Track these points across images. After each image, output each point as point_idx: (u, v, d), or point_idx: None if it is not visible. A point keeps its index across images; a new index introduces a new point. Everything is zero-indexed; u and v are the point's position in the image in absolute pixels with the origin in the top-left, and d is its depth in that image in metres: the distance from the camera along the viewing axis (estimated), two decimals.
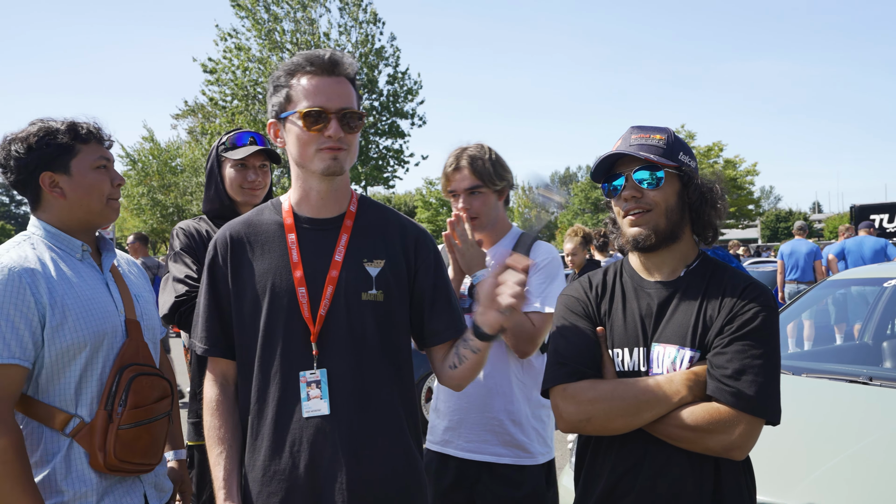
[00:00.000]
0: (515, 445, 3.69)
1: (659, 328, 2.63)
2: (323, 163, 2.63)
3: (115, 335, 2.89)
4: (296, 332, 2.64)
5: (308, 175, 2.71)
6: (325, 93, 2.62)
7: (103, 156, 2.98)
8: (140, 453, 2.87)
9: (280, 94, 2.68)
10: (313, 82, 2.62)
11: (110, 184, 2.99)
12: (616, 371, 2.66)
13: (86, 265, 2.95)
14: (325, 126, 2.60)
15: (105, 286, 2.96)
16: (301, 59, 2.66)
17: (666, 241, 2.65)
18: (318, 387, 2.61)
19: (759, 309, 2.51)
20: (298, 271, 2.66)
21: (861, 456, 3.85)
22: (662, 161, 2.61)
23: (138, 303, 3.07)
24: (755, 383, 2.42)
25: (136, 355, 2.93)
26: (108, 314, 2.88)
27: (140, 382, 2.88)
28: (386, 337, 2.69)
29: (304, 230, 2.74)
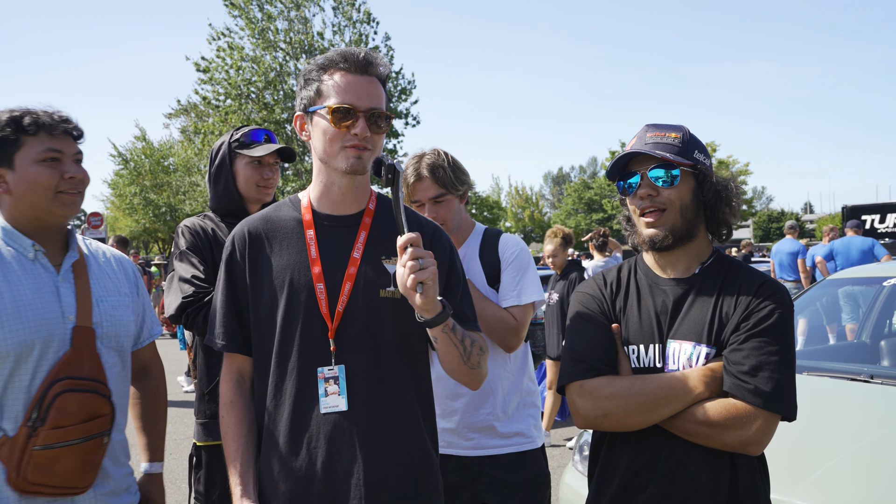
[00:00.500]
0: (514, 434, 3.76)
1: (675, 325, 2.64)
2: (347, 160, 2.64)
3: (53, 343, 2.74)
4: (314, 327, 2.64)
5: (331, 171, 2.72)
6: (356, 91, 2.62)
7: (52, 147, 2.80)
8: (61, 476, 2.69)
9: (311, 87, 2.69)
10: (345, 79, 2.63)
11: (60, 177, 2.80)
12: (631, 367, 2.67)
13: (37, 266, 2.82)
14: (352, 124, 2.61)
15: (54, 290, 2.81)
16: (336, 55, 2.66)
17: (682, 240, 2.66)
18: (336, 383, 2.61)
19: (775, 306, 2.53)
20: (317, 267, 2.67)
21: (864, 453, 3.88)
22: (678, 159, 2.62)
23: (99, 307, 2.91)
24: (772, 379, 2.43)
25: (76, 367, 2.76)
26: (45, 321, 2.73)
27: (66, 400, 2.70)
28: (403, 334, 2.70)
29: (322, 227, 2.75)
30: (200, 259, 3.67)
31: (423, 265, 2.39)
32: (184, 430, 10.64)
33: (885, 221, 25.99)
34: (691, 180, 2.67)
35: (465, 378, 2.77)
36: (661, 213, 2.64)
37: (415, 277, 2.38)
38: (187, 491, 3.91)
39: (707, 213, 2.71)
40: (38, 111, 2.83)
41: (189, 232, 3.80)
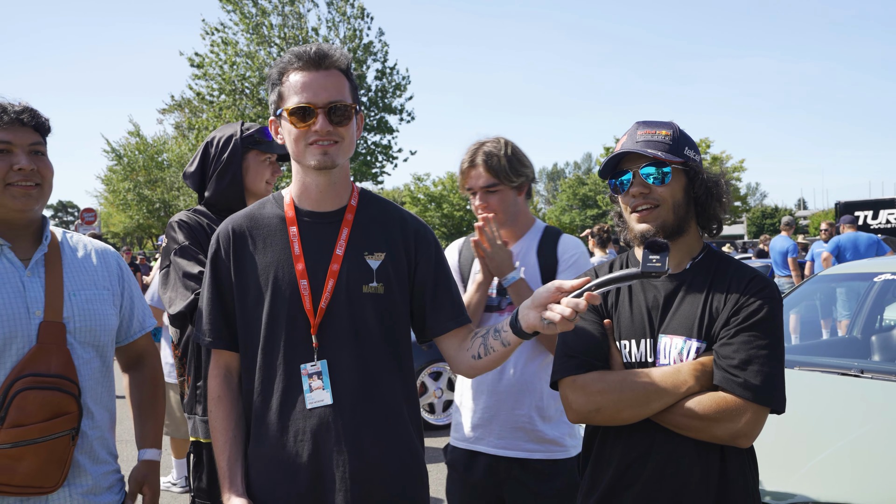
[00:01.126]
0: (548, 441, 3.67)
1: (665, 320, 2.67)
2: (314, 158, 2.67)
3: (16, 340, 2.68)
4: (297, 324, 2.68)
5: (305, 170, 2.76)
6: (312, 88, 2.65)
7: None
8: (23, 476, 2.62)
9: (274, 92, 2.74)
10: (300, 78, 2.66)
11: (9, 168, 2.72)
12: (623, 362, 2.71)
13: (2, 260, 2.77)
14: (313, 121, 2.64)
15: (19, 285, 2.75)
16: (289, 55, 2.70)
17: (673, 236, 2.69)
18: (320, 378, 2.65)
19: (765, 301, 2.56)
20: (300, 264, 2.70)
21: (855, 446, 3.91)
22: (669, 157, 2.64)
23: (71, 301, 2.84)
24: (761, 373, 2.47)
25: (42, 364, 2.69)
26: (6, 318, 2.67)
27: (25, 398, 2.63)
28: (387, 329, 2.73)
29: (305, 223, 2.77)
30: (204, 254, 3.60)
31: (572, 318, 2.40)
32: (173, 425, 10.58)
33: (877, 218, 26.06)
34: (682, 177, 2.70)
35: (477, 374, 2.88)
36: (653, 209, 2.67)
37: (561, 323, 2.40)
38: None
39: (698, 208, 2.74)
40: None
41: (187, 226, 3.76)
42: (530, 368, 3.69)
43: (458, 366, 2.87)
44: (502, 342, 2.68)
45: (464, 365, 2.84)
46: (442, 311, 2.85)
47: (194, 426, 3.81)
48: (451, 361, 2.90)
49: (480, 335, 2.79)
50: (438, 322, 2.85)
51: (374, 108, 32.61)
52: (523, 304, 2.58)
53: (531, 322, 2.51)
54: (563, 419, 3.68)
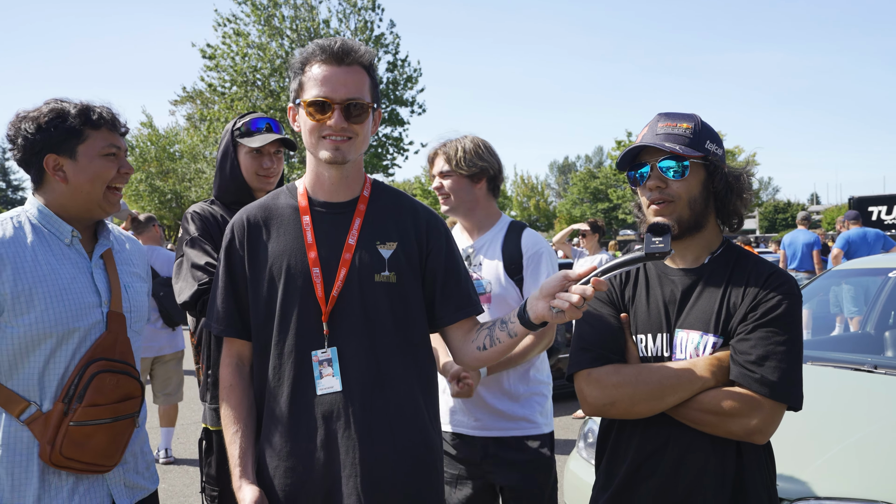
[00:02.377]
0: (520, 419, 3.92)
1: (682, 314, 2.67)
2: (326, 152, 2.70)
3: (91, 327, 2.84)
4: (309, 312, 2.71)
5: (316, 161, 2.79)
6: (332, 82, 2.66)
7: (113, 143, 2.93)
8: (92, 453, 2.79)
9: (295, 80, 2.76)
10: (322, 71, 2.68)
11: (116, 171, 2.93)
12: (639, 357, 2.71)
13: (73, 251, 2.91)
14: (328, 116, 2.66)
15: (89, 276, 2.91)
16: (313, 46, 2.71)
17: (690, 230, 2.67)
18: (330, 365, 2.68)
19: (783, 297, 2.54)
20: (313, 252, 2.73)
21: (868, 441, 3.91)
22: (688, 151, 2.62)
23: (127, 294, 3.01)
24: (778, 369, 2.46)
25: (110, 350, 2.87)
26: (84, 305, 2.82)
27: (102, 380, 2.81)
28: (400, 317, 2.75)
29: (318, 213, 2.80)
30: (213, 245, 3.67)
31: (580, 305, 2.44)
32: (190, 414, 10.72)
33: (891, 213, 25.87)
34: (701, 171, 2.67)
35: (482, 365, 2.91)
36: (670, 203, 2.65)
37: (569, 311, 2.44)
38: (195, 475, 3.95)
39: (717, 203, 2.72)
40: (100, 107, 2.93)
41: (199, 218, 3.81)
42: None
43: (463, 357, 2.89)
44: (509, 333, 2.70)
45: (468, 356, 2.86)
46: (451, 302, 2.86)
47: (204, 413, 3.85)
48: (456, 352, 2.92)
49: (486, 327, 2.82)
50: (447, 312, 2.87)
51: (386, 101, 32.59)
52: (531, 295, 2.61)
53: (539, 312, 2.53)
54: (533, 399, 3.96)
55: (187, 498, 7.31)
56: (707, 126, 2.73)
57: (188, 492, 7.45)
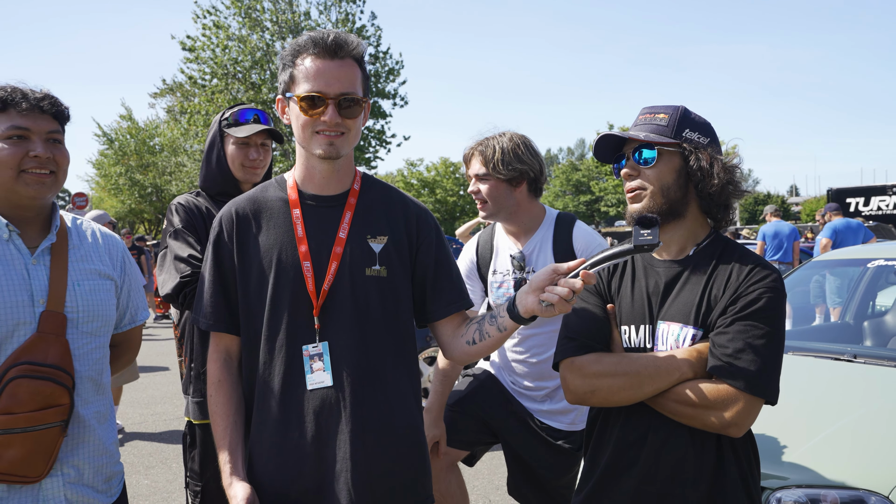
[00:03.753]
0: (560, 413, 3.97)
1: (664, 306, 2.69)
2: (320, 147, 2.68)
3: (17, 327, 2.65)
4: (300, 306, 2.69)
5: (307, 155, 2.77)
6: (325, 77, 2.64)
7: (16, 125, 2.68)
8: (7, 463, 2.58)
9: (286, 72, 2.72)
10: (315, 65, 2.65)
11: (24, 155, 2.68)
12: (624, 347, 2.73)
13: (10, 247, 2.72)
14: (322, 111, 2.64)
15: (24, 273, 2.71)
16: (306, 39, 2.68)
17: (665, 218, 2.68)
18: (321, 359, 2.67)
19: (764, 290, 2.55)
20: (304, 246, 2.71)
21: (849, 429, 3.94)
22: (658, 139, 2.65)
23: (74, 292, 2.80)
24: (755, 363, 2.47)
25: (39, 353, 2.66)
26: (11, 304, 2.64)
27: (18, 385, 2.60)
28: (390, 312, 2.75)
29: (308, 206, 2.79)
30: (196, 238, 3.67)
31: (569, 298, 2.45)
32: (173, 410, 10.64)
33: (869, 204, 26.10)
34: (675, 159, 2.68)
35: (471, 359, 2.90)
36: (642, 191, 2.68)
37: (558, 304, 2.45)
38: (178, 471, 3.94)
39: (698, 192, 2.71)
40: (9, 87, 2.74)
41: (183, 209, 3.80)
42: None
43: (451, 351, 2.89)
44: (498, 328, 2.71)
45: (457, 351, 2.86)
46: (442, 296, 2.87)
47: (187, 407, 3.85)
48: (445, 347, 2.92)
49: (476, 321, 2.82)
50: (438, 306, 2.87)
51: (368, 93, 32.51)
52: (521, 289, 2.61)
53: (529, 306, 2.53)
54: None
55: (171, 494, 7.28)
56: (689, 116, 2.74)
57: (171, 488, 7.42)
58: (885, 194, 26.17)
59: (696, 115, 2.76)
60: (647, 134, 2.67)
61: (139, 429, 9.52)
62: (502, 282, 3.99)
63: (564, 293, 2.42)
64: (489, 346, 2.77)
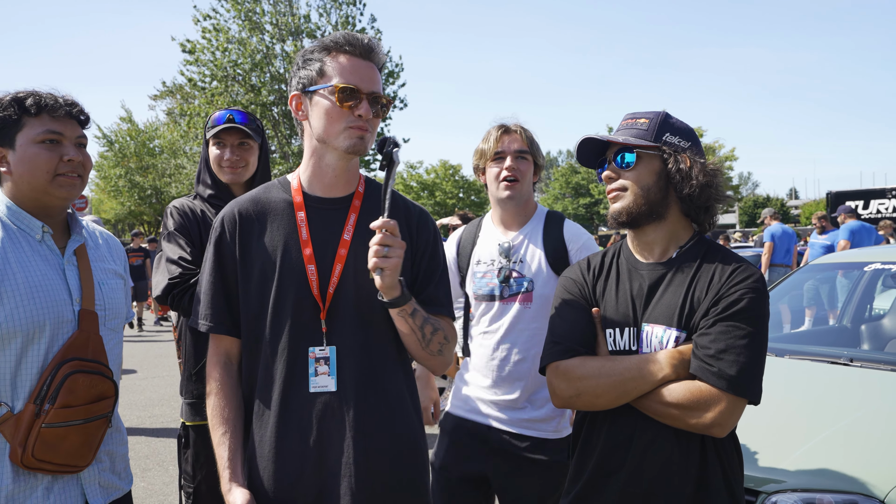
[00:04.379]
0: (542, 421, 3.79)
1: (648, 308, 2.72)
2: (349, 140, 2.69)
3: (62, 325, 2.78)
4: (305, 309, 2.69)
5: (328, 151, 2.75)
6: (360, 74, 2.68)
7: (51, 129, 2.81)
8: (64, 454, 2.74)
9: (311, 67, 2.72)
10: (350, 62, 2.69)
11: (59, 159, 2.81)
12: (609, 350, 2.75)
13: (44, 247, 2.85)
14: (356, 104, 2.66)
15: (61, 272, 2.85)
16: (341, 38, 2.71)
17: (645, 219, 2.74)
18: (327, 363, 2.67)
19: (746, 291, 2.58)
20: (308, 249, 2.71)
21: (845, 433, 3.95)
22: (637, 142, 2.71)
23: (101, 291, 2.95)
24: (737, 363, 2.48)
25: (83, 349, 2.81)
26: (54, 302, 2.76)
27: (76, 381, 2.75)
28: (388, 314, 2.73)
29: (313, 209, 2.79)
30: (188, 240, 3.69)
31: (387, 253, 2.51)
32: (171, 412, 10.65)
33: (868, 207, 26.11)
34: (655, 162, 2.74)
35: (425, 362, 2.86)
36: (622, 192, 2.75)
37: (376, 262, 2.52)
38: (175, 473, 3.95)
39: (679, 194, 2.74)
40: (42, 93, 2.85)
41: (178, 212, 3.82)
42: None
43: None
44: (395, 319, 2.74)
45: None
46: (432, 303, 2.86)
47: (182, 408, 3.86)
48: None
49: None
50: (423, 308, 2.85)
51: None
52: None
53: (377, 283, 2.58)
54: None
55: (166, 497, 7.28)
56: (670, 121, 2.79)
57: (167, 490, 7.43)
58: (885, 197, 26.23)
59: (676, 120, 2.81)
60: (626, 137, 2.73)
61: (136, 431, 9.51)
62: (486, 272, 3.93)
63: (377, 249, 2.50)
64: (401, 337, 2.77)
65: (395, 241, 2.53)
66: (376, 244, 2.50)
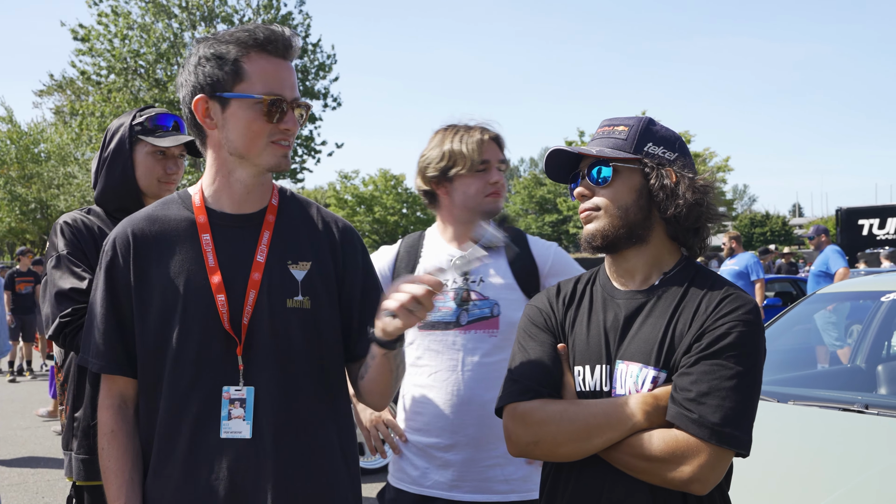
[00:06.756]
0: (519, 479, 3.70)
1: (624, 343, 2.70)
2: (274, 158, 2.68)
3: None
4: (215, 344, 2.66)
5: (244, 167, 2.72)
6: (284, 79, 2.67)
7: None
8: None
9: (224, 66, 2.65)
10: (273, 64, 2.66)
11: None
12: (577, 391, 2.74)
13: None
14: (283, 117, 2.65)
15: None
16: (260, 32, 2.66)
17: (624, 243, 2.73)
18: (242, 406, 2.65)
19: (735, 324, 2.55)
20: (216, 276, 2.69)
21: (859, 492, 3.96)
22: (614, 154, 2.70)
23: None
24: (721, 408, 2.46)
25: None
26: None
27: None
28: (315, 349, 2.74)
29: (220, 228, 2.76)
30: (84, 267, 3.61)
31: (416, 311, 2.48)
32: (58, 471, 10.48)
33: (884, 227, 26.19)
34: (635, 177, 2.73)
35: (376, 400, 2.89)
36: (596, 212, 2.73)
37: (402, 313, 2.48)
38: None
39: (660, 214, 2.74)
40: None
41: (70, 230, 3.74)
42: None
43: (358, 393, 2.92)
44: (372, 355, 2.73)
45: (357, 389, 2.90)
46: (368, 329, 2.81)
47: (69, 464, 3.78)
48: (355, 389, 2.94)
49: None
50: (364, 341, 2.83)
51: None
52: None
53: (378, 322, 2.58)
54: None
55: None
56: (653, 128, 2.79)
57: None
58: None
59: (661, 128, 2.81)
60: (601, 149, 2.72)
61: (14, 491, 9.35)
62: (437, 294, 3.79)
63: (404, 298, 2.46)
64: (373, 378, 2.77)
65: (430, 304, 2.50)
66: (415, 295, 2.46)
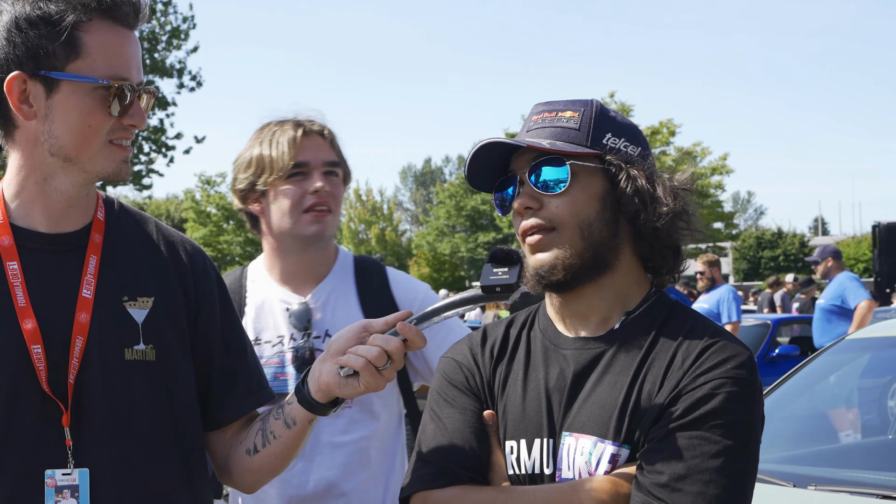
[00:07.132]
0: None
1: (572, 410, 2.69)
2: (112, 164, 2.69)
3: None
4: (30, 412, 2.65)
5: (69, 173, 2.70)
6: (131, 57, 2.69)
7: None
8: None
9: (54, 35, 2.61)
10: (120, 37, 2.66)
11: None
12: (509, 475, 2.74)
13: None
14: (127, 108, 2.65)
15: None
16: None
17: (587, 273, 2.68)
18: (75, 495, 2.62)
19: (721, 381, 2.55)
20: (29, 321, 2.65)
21: None
22: (567, 147, 2.65)
23: None
24: (703, 497, 2.46)
25: None
26: None
27: None
28: (163, 412, 2.74)
29: (30, 253, 2.72)
30: None
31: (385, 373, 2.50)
32: None
33: None
34: (597, 179, 2.70)
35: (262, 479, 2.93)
36: (549, 232, 2.66)
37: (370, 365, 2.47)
38: None
39: (633, 231, 2.72)
40: None
41: None
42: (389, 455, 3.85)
43: (230, 471, 2.93)
44: (285, 422, 2.73)
45: (236, 468, 2.90)
46: (238, 384, 2.89)
47: None
48: (221, 466, 2.96)
49: (259, 419, 2.85)
50: (228, 403, 2.89)
51: None
52: (319, 357, 2.65)
53: (324, 379, 2.58)
54: None
55: None
56: (609, 114, 2.77)
57: None
58: None
59: (616, 114, 2.80)
60: (552, 141, 2.67)
61: None
62: (269, 357, 3.89)
63: (373, 354, 2.45)
64: (277, 454, 2.79)
65: (401, 361, 2.51)
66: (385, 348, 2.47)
